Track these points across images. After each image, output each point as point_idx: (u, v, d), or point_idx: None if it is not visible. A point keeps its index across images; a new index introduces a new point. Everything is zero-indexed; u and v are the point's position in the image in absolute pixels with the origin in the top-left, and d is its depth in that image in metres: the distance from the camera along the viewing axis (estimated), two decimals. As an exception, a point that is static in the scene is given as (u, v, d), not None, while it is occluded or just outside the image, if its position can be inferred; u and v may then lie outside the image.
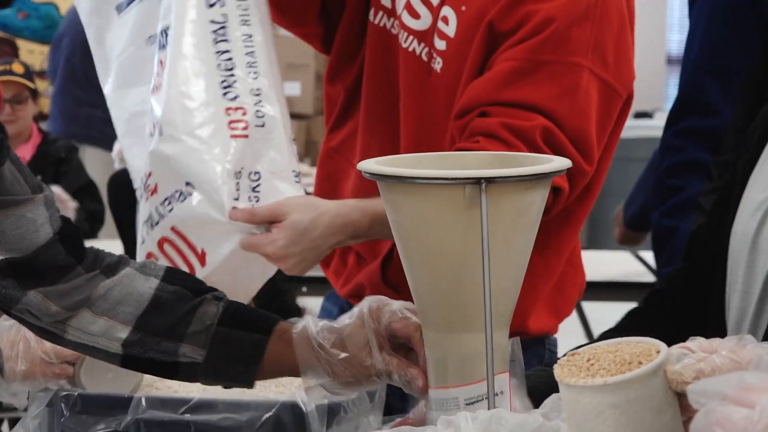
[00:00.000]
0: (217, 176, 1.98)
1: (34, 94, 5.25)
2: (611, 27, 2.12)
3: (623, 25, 2.16)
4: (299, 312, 4.52)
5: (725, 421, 0.89)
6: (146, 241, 2.04)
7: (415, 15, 2.20)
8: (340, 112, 2.36)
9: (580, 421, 1.02)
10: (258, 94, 2.07)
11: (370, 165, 1.49)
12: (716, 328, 1.58)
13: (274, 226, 1.96)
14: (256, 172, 2.02)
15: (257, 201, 1.99)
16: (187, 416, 1.51)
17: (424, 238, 1.48)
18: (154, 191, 2.02)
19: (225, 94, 2.06)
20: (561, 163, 1.48)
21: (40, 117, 5.37)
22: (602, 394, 0.99)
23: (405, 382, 1.47)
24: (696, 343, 1.01)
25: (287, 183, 2.02)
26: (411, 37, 2.20)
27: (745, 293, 1.53)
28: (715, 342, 1.01)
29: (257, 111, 2.05)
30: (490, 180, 1.41)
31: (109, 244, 5.14)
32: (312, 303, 5.60)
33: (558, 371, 1.03)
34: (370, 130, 2.26)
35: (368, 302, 1.53)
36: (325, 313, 2.51)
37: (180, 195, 1.99)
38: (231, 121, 2.03)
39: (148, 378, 1.67)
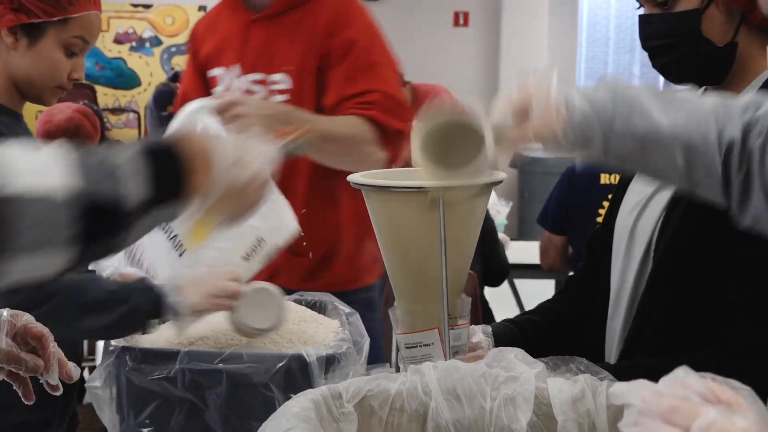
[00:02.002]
0: None
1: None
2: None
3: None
4: None
5: None
6: None
7: (252, 93, 2.31)
8: None
9: None
10: None
11: (357, 177, 1.49)
12: (604, 296, 1.60)
13: None
14: None
15: None
16: (220, 365, 1.49)
17: (397, 232, 1.47)
18: None
19: None
20: (499, 176, 1.48)
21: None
22: None
23: (26, 369, 1.28)
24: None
25: None
26: None
27: (623, 272, 1.54)
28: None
29: None
30: (446, 189, 1.40)
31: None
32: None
33: None
34: None
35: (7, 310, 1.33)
36: None
37: None
38: None
39: (192, 335, 1.65)
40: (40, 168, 0.93)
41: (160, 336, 1.66)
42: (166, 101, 6.88)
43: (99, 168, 0.96)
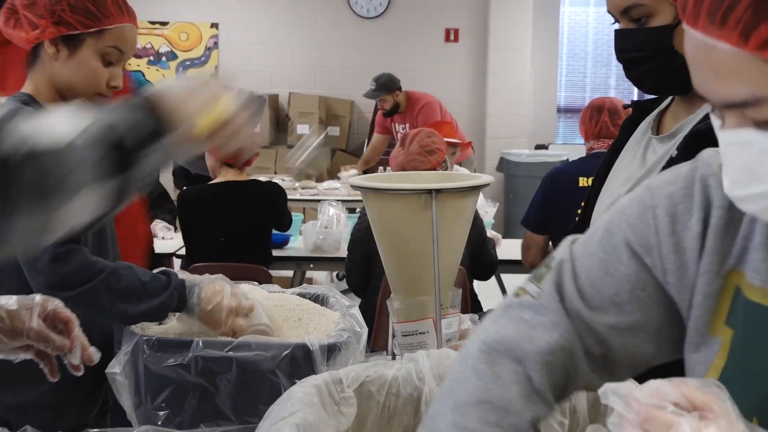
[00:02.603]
0: None
1: None
2: None
3: None
4: None
5: None
6: None
7: None
8: None
9: None
10: None
11: (357, 180, 1.48)
12: None
13: None
14: None
15: None
16: (230, 353, 1.49)
17: (393, 230, 1.47)
18: None
19: None
20: (486, 178, 1.48)
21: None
22: None
23: (54, 347, 1.29)
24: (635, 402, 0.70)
25: None
26: None
27: None
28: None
29: None
30: (438, 191, 1.40)
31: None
32: (317, 275, 5.59)
33: None
34: None
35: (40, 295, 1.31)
36: None
37: None
38: None
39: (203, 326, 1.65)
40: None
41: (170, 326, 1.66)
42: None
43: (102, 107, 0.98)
